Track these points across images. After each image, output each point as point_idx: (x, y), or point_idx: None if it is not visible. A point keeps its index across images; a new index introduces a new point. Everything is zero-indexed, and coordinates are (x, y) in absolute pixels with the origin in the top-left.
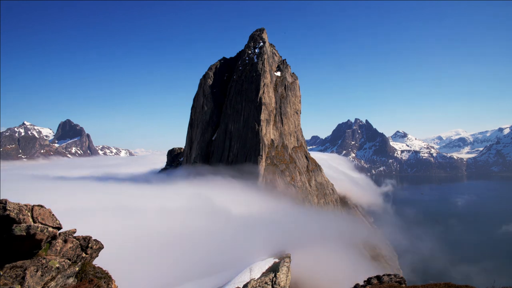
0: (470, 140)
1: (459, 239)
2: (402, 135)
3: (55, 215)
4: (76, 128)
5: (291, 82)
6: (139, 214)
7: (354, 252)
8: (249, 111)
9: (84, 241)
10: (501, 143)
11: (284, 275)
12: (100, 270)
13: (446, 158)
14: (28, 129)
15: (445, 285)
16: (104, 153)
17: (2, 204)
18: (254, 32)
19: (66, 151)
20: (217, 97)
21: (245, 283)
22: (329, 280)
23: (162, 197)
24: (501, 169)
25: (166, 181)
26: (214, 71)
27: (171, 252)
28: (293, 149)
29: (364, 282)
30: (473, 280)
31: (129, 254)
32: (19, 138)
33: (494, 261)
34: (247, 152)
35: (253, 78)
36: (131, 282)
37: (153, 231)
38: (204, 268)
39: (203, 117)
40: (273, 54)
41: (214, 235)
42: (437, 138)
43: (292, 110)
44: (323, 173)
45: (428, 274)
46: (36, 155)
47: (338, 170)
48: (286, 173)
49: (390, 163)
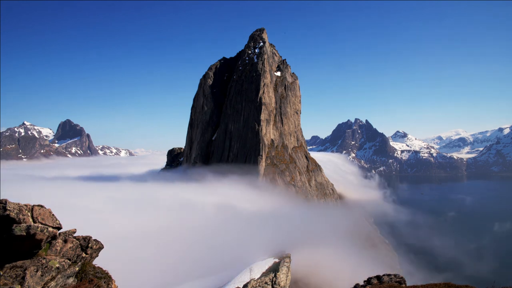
0: (470, 140)
1: (459, 239)
2: (402, 135)
3: (55, 215)
4: (76, 128)
5: (291, 82)
6: (138, 215)
7: (354, 252)
8: (249, 111)
9: (84, 241)
10: (501, 143)
11: (284, 275)
12: (100, 270)
13: (446, 158)
14: (28, 129)
15: (445, 285)
16: (104, 153)
17: (2, 204)
18: (254, 32)
19: (66, 151)
20: (217, 97)
21: (245, 283)
22: (329, 280)
23: (162, 198)
24: (501, 169)
25: (165, 181)
26: (214, 71)
27: (171, 252)
28: (293, 149)
29: (364, 282)
30: (473, 280)
31: (129, 254)
32: (19, 138)
33: (494, 261)
34: (247, 152)
35: (253, 78)
36: (131, 282)
37: (153, 232)
38: (204, 268)
39: (203, 117)
40: (273, 54)
41: (214, 235)
42: (437, 138)
43: (292, 110)
44: (323, 173)
45: (428, 274)
46: (36, 155)
47: (338, 170)
48: (286, 173)
49: (390, 163)
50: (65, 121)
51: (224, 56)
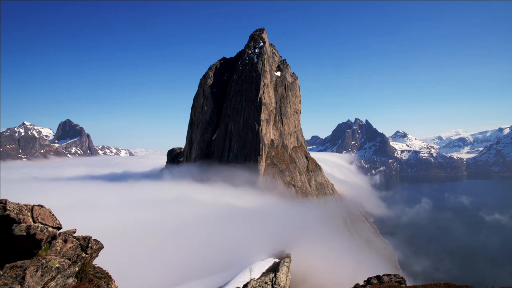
0: (470, 140)
1: (459, 239)
2: (402, 135)
3: (55, 215)
4: (76, 128)
5: (291, 82)
6: (138, 215)
7: (354, 251)
8: (249, 111)
9: (84, 241)
10: (501, 143)
11: (284, 275)
12: (100, 270)
13: (446, 158)
14: (28, 129)
15: (445, 285)
16: (104, 153)
17: (2, 204)
18: (254, 32)
19: (66, 151)
20: (217, 97)
21: (245, 283)
22: (329, 280)
23: (162, 198)
24: (501, 169)
25: (165, 181)
26: (214, 71)
27: (171, 252)
28: (293, 149)
29: (364, 282)
30: (473, 279)
31: (129, 254)
32: (19, 138)
33: (494, 261)
34: (247, 152)
35: (253, 78)
36: (131, 282)
37: (152, 232)
38: (204, 268)
39: (203, 117)
40: (273, 54)
41: (214, 235)
42: (437, 138)
43: (292, 110)
44: (323, 173)
45: (428, 274)
46: (36, 155)
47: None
48: (286, 173)
49: (390, 163)
50: (65, 121)
51: (224, 56)
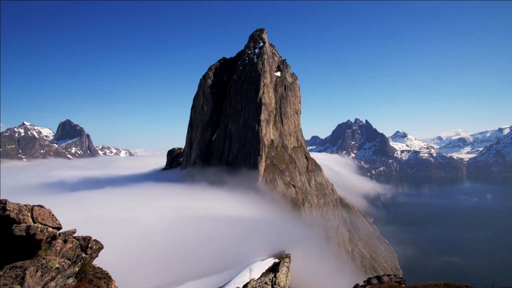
0: (470, 140)
1: (459, 239)
2: (402, 135)
3: (55, 215)
4: (76, 128)
5: (291, 82)
6: (138, 215)
7: (354, 251)
8: (249, 111)
9: (84, 241)
10: (501, 143)
11: (284, 275)
12: (100, 270)
13: (446, 158)
14: (28, 129)
15: (445, 285)
16: (104, 153)
17: (2, 204)
18: (254, 32)
19: (66, 151)
20: (217, 97)
21: (245, 283)
22: (329, 280)
23: (162, 198)
24: (501, 169)
25: (165, 182)
26: (214, 71)
27: (171, 253)
28: (293, 149)
29: (364, 282)
30: (473, 279)
31: (129, 255)
32: (19, 138)
33: (494, 261)
34: (247, 152)
35: (253, 78)
36: (131, 282)
37: (152, 232)
38: (204, 268)
39: (203, 117)
40: (273, 54)
41: (214, 236)
42: (437, 138)
43: (292, 110)
44: (323, 173)
45: (428, 274)
46: (36, 155)
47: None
48: (286, 173)
49: (390, 163)
50: (65, 121)
51: (224, 56)
